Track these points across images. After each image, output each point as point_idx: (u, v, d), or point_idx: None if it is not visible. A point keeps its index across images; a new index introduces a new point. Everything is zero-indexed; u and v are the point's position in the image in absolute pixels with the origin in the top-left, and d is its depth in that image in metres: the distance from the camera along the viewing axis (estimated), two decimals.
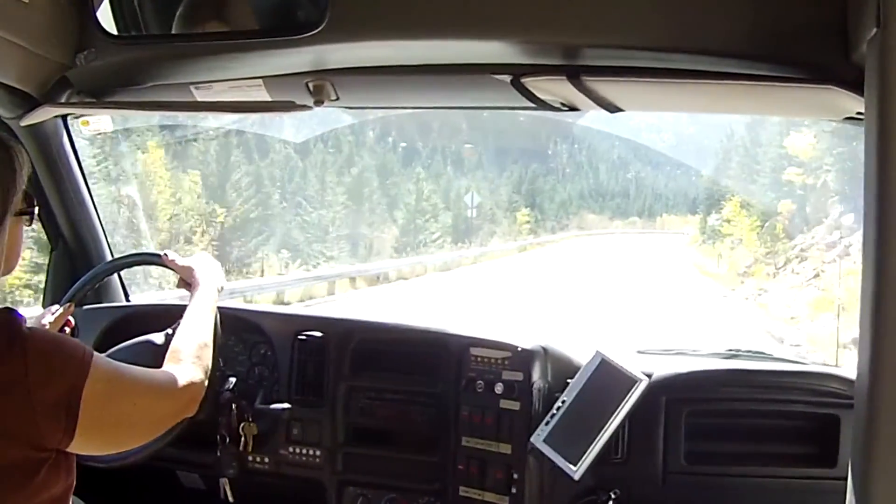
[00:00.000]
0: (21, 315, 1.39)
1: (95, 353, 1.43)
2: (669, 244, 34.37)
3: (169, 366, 1.65)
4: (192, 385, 1.64)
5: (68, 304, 2.16)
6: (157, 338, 2.13)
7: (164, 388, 1.58)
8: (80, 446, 1.40)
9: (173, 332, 2.09)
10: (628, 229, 41.08)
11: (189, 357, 1.69)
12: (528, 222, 38.09)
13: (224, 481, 2.45)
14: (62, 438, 1.36)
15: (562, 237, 39.46)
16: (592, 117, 1.92)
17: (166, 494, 2.60)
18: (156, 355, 2.09)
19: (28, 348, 1.34)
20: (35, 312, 2.14)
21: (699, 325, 12.72)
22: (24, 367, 1.33)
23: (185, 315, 1.85)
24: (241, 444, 2.35)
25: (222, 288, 2.05)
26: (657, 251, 31.64)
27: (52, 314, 2.12)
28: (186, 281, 2.03)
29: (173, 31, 1.73)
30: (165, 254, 2.13)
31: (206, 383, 1.70)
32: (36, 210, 1.53)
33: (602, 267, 24.29)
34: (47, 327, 2.09)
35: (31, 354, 1.34)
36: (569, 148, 43.49)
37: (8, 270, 1.50)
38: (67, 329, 2.15)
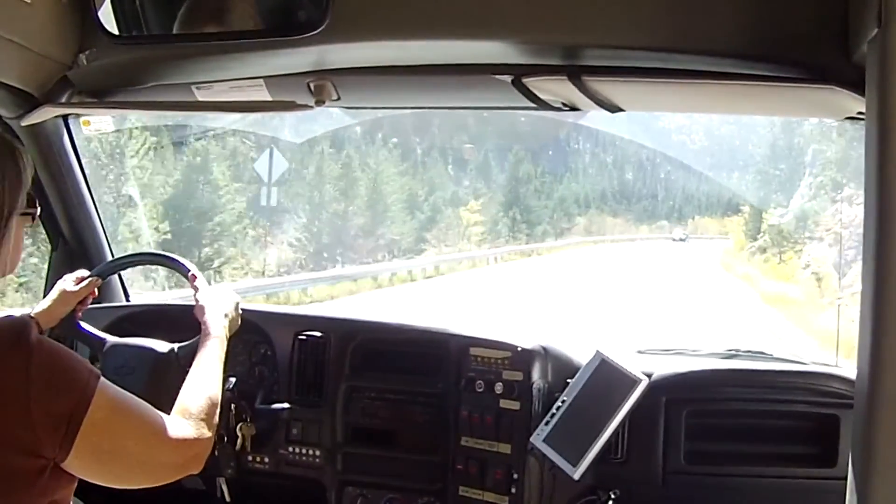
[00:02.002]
0: (31, 323, 1.38)
1: (102, 379, 1.40)
2: (705, 252, 27.76)
3: (177, 418, 1.59)
4: (199, 441, 1.59)
5: (96, 277, 2.17)
6: (161, 346, 2.13)
7: (170, 437, 1.51)
8: (77, 468, 1.38)
9: (178, 351, 2.09)
10: (654, 234, 35.84)
11: (199, 414, 1.63)
12: (479, 223, 28.29)
13: (221, 481, 2.45)
14: (58, 453, 1.34)
15: (550, 246, 31.68)
16: (615, 117, 1.92)
17: (165, 494, 2.59)
18: (156, 364, 2.09)
19: (33, 359, 1.32)
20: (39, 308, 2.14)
21: None
22: (26, 377, 1.31)
23: (195, 366, 1.79)
24: (238, 444, 2.35)
25: (239, 324, 2.02)
26: (694, 268, 23.91)
27: (77, 284, 2.12)
28: (199, 317, 1.97)
29: (174, 32, 1.72)
30: (194, 275, 2.11)
31: (213, 441, 1.64)
32: (38, 210, 1.52)
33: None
34: (70, 291, 2.12)
35: (35, 366, 1.32)
36: (592, 147, 38.67)
37: (12, 268, 1.49)
38: (90, 299, 2.18)
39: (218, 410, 1.70)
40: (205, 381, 1.74)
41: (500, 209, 31.54)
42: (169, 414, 1.57)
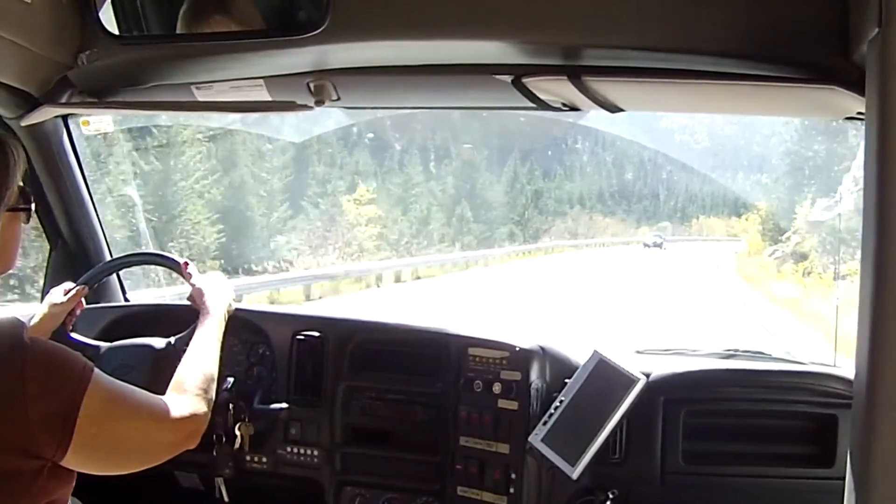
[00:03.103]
0: (25, 324, 1.38)
1: (96, 370, 1.41)
2: (712, 256, 22.45)
3: (173, 395, 1.61)
4: (195, 417, 1.60)
5: (83, 286, 2.17)
6: (158, 342, 2.12)
7: (166, 417, 1.53)
8: (76, 462, 1.38)
9: (175, 342, 2.09)
10: (645, 238, 31.00)
11: (194, 389, 1.65)
12: (375, 221, 20.74)
13: (219, 481, 2.45)
14: (56, 451, 1.34)
15: (509, 252, 24.67)
16: (615, 116, 1.92)
17: (165, 494, 2.60)
18: (155, 360, 2.09)
19: (27, 360, 1.32)
20: (36, 309, 2.14)
21: None
22: (22, 378, 1.31)
23: (192, 344, 1.82)
24: (237, 444, 2.35)
25: (233, 308, 2.03)
26: (703, 280, 18.57)
27: (65, 294, 2.12)
28: (195, 301, 2.00)
29: (177, 30, 1.73)
30: (186, 262, 2.11)
31: (209, 416, 1.66)
32: (32, 206, 1.51)
33: None
34: (58, 303, 2.11)
35: (30, 366, 1.32)
36: (591, 145, 35.02)
37: (4, 268, 1.49)
38: (78, 311, 2.17)
39: (214, 386, 1.72)
40: (201, 358, 1.75)
41: (437, 206, 24.08)
42: None
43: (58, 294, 2.13)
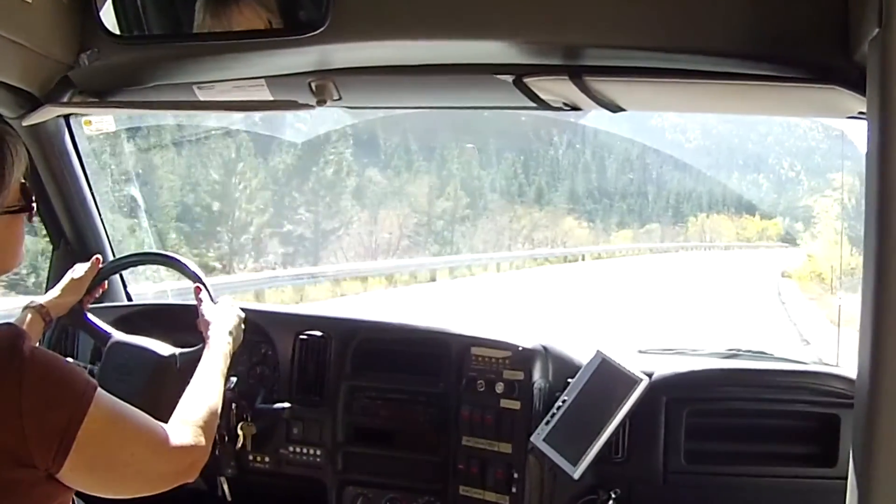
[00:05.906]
0: (25, 333, 1.36)
1: (99, 390, 1.38)
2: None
3: (175, 425, 1.57)
4: (195, 450, 1.56)
5: (96, 257, 2.16)
6: (163, 350, 2.12)
7: (166, 445, 1.49)
8: (70, 479, 1.36)
9: (179, 357, 2.08)
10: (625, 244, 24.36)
11: (197, 422, 1.61)
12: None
13: (222, 480, 2.45)
14: (52, 465, 1.32)
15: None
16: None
17: (167, 494, 2.60)
18: (156, 368, 2.08)
19: (26, 371, 1.30)
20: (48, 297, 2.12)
21: None
22: (19, 390, 1.29)
23: (197, 375, 1.78)
24: (239, 443, 2.35)
25: (241, 339, 2.01)
26: None
27: (78, 273, 2.12)
28: (203, 330, 1.97)
29: (196, 24, 1.70)
30: (198, 287, 2.08)
31: (210, 450, 1.62)
32: (33, 206, 1.50)
33: None
34: (76, 279, 2.11)
35: (28, 378, 1.30)
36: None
37: (6, 267, 1.48)
38: (100, 291, 2.18)
39: (216, 422, 1.68)
40: (205, 392, 1.72)
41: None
42: (164, 419, 1.54)
43: (79, 269, 2.13)
